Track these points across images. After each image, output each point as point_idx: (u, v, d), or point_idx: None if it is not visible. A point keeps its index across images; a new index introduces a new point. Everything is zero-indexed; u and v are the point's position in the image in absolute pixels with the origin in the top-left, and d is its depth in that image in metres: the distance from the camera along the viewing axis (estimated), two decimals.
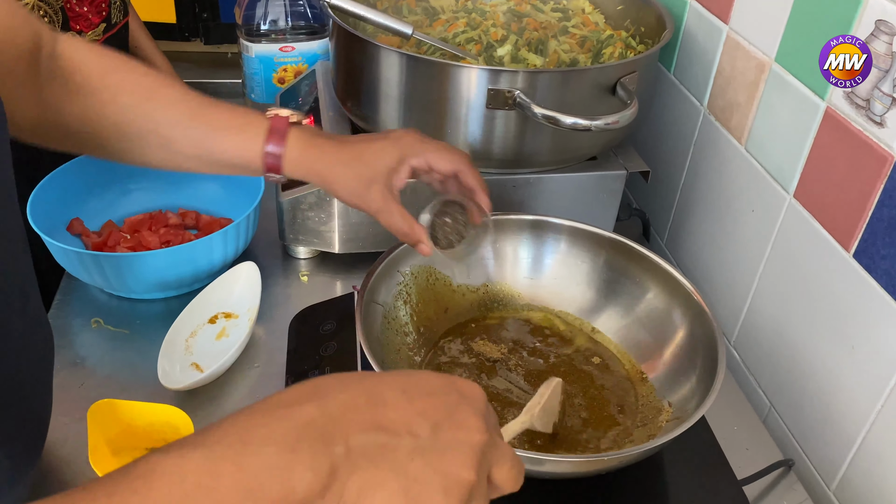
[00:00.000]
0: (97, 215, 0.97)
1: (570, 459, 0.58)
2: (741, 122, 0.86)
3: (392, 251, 0.73)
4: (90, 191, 0.96)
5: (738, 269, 0.89)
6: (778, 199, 0.80)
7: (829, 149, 0.72)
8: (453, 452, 0.38)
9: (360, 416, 0.37)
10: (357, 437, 0.36)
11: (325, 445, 0.35)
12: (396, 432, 0.37)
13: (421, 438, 0.37)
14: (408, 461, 0.37)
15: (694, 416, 0.56)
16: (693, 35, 0.97)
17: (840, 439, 0.72)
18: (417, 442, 0.37)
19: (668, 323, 0.71)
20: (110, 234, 0.93)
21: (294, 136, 0.68)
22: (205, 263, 0.86)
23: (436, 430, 0.38)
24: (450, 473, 0.37)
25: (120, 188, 1.00)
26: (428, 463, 0.37)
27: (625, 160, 0.96)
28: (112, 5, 1.04)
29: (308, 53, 1.20)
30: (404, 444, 0.37)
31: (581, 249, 0.77)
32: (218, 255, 0.87)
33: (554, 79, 0.84)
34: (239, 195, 0.97)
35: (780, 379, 0.82)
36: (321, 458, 0.35)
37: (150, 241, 0.92)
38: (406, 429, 0.37)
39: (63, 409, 0.74)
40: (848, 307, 0.71)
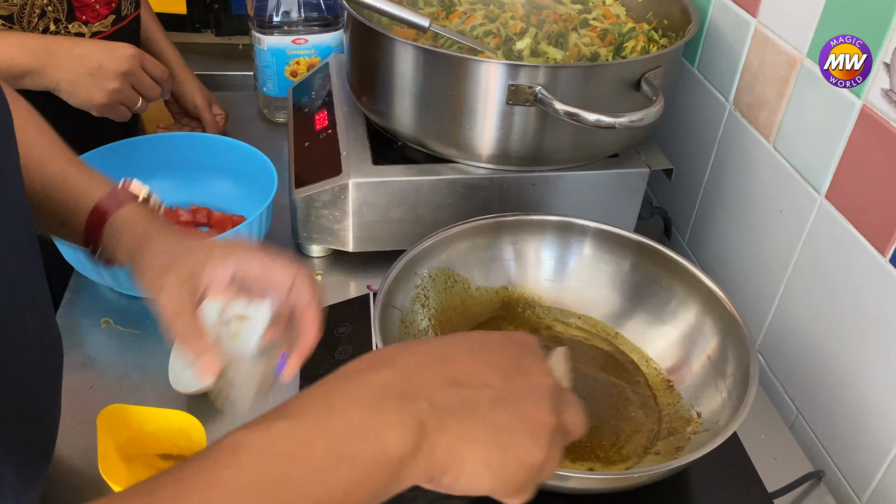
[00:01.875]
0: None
1: (597, 476, 0.56)
2: (770, 120, 0.84)
3: (408, 253, 0.71)
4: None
5: (764, 271, 0.86)
6: (808, 199, 0.77)
7: (865, 148, 0.69)
8: (530, 398, 0.39)
9: (435, 374, 0.38)
10: (437, 394, 0.37)
11: (409, 403, 0.36)
12: (473, 385, 0.38)
13: (497, 388, 0.38)
14: (490, 411, 0.37)
15: (726, 432, 0.54)
16: (719, 28, 0.94)
17: (873, 449, 0.70)
18: (495, 392, 0.38)
19: (699, 332, 0.69)
20: None
21: (131, 208, 0.60)
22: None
23: (508, 379, 0.39)
24: (532, 418, 0.38)
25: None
26: (509, 411, 0.38)
27: (647, 157, 0.93)
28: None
29: (321, 46, 1.17)
30: (483, 396, 0.38)
31: (606, 252, 0.75)
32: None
33: (576, 74, 0.82)
34: (252, 192, 0.95)
35: (808, 386, 0.79)
36: (408, 417, 0.35)
37: None
38: (481, 381, 0.38)
39: (72, 413, 0.72)
40: (883, 313, 0.68)
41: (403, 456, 0.35)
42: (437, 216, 0.90)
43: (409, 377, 0.37)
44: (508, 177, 0.89)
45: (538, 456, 0.38)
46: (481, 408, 0.37)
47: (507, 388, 0.39)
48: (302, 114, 1.04)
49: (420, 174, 0.88)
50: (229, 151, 0.98)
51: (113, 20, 1.01)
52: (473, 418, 0.37)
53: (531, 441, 0.38)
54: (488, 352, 0.40)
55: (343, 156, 0.90)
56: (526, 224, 0.76)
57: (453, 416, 0.36)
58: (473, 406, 0.37)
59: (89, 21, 0.97)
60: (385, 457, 0.34)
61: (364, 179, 0.87)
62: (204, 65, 1.46)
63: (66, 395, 0.75)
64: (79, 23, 0.96)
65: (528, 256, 0.77)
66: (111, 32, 1.00)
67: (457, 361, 0.39)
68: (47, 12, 0.93)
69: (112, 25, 1.01)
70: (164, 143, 1.00)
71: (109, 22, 1.00)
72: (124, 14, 1.03)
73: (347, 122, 0.97)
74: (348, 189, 0.86)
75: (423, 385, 0.37)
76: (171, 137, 1.00)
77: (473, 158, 0.89)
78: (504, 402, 0.38)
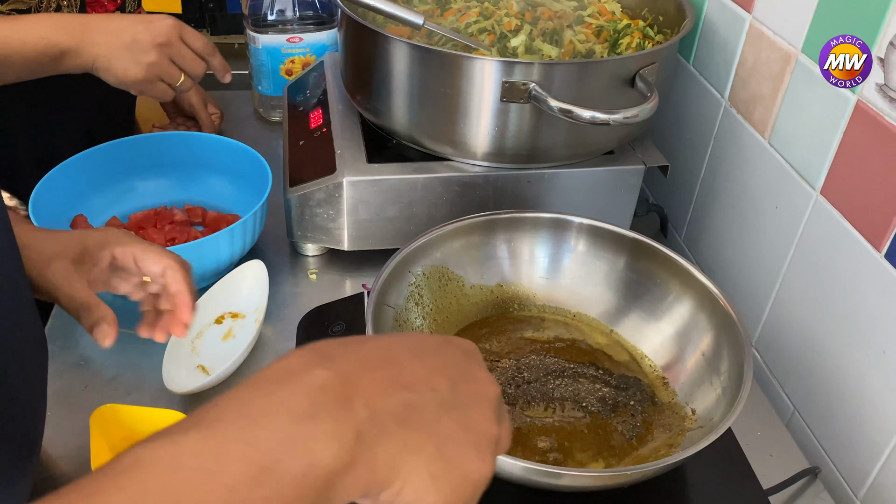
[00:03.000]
0: (102, 212, 0.95)
1: (589, 474, 0.55)
2: (765, 116, 0.83)
3: (402, 251, 0.71)
4: (94, 187, 0.94)
5: (760, 267, 0.86)
6: (804, 195, 0.77)
7: (860, 144, 0.69)
8: (476, 407, 0.37)
9: (377, 375, 0.34)
10: (379, 399, 0.33)
11: (345, 409, 0.32)
12: (418, 390, 0.35)
13: (442, 394, 0.35)
14: (436, 420, 0.34)
15: (720, 428, 0.54)
16: (714, 25, 0.93)
17: (869, 446, 0.70)
18: (440, 398, 0.35)
19: (693, 328, 0.69)
20: None
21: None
22: (211, 262, 0.84)
23: (454, 386, 0.36)
24: (477, 428, 0.36)
25: (125, 184, 0.98)
26: (455, 420, 0.35)
27: (643, 154, 0.93)
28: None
29: (316, 44, 1.17)
30: (428, 402, 0.35)
31: (600, 249, 0.75)
32: (225, 254, 0.85)
33: (571, 71, 0.81)
34: (246, 190, 0.95)
35: (805, 383, 0.79)
36: (344, 424, 0.31)
37: (156, 239, 0.89)
38: (427, 386, 0.35)
39: (67, 413, 0.72)
40: (879, 309, 0.68)
41: (337, 470, 0.30)
42: (432, 214, 0.89)
43: (349, 378, 0.33)
44: (503, 174, 0.89)
45: (484, 470, 0.35)
46: (426, 415, 0.34)
47: (452, 394, 0.36)
48: (297, 112, 1.04)
49: (414, 172, 0.88)
50: (224, 150, 0.98)
51: None
52: (418, 426, 0.34)
53: (476, 453, 0.35)
54: (434, 355, 0.37)
55: (337, 154, 0.90)
56: (520, 221, 0.76)
57: (396, 423, 0.33)
58: (419, 413, 0.34)
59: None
60: (315, 471, 0.30)
61: (358, 178, 0.86)
62: None
63: (61, 396, 0.75)
64: None
65: (523, 254, 0.77)
66: None
67: (400, 363, 0.36)
68: (63, 7, 0.93)
69: None
70: (159, 142, 0.99)
71: None
72: (128, 10, 1.03)
73: (342, 120, 0.97)
74: (343, 187, 0.86)
75: (363, 388, 0.33)
76: (167, 137, 1.00)
77: (468, 156, 0.88)
78: (449, 411, 0.35)
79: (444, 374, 0.36)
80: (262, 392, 0.32)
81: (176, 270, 0.60)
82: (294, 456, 0.29)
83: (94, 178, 0.94)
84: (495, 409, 0.37)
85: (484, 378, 0.38)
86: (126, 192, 0.97)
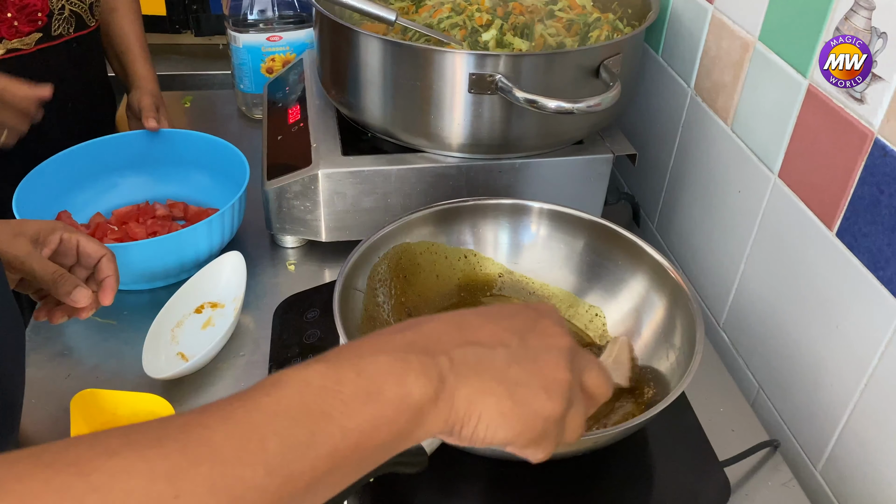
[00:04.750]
0: (85, 207, 0.97)
1: None
2: (727, 103, 0.86)
3: (370, 238, 0.73)
4: (78, 183, 0.97)
5: (725, 251, 0.88)
6: (763, 179, 0.79)
7: (812, 127, 0.72)
8: (545, 356, 0.42)
9: (454, 336, 0.41)
10: (456, 351, 0.40)
11: (430, 358, 0.39)
12: (489, 345, 0.41)
13: (512, 348, 0.42)
14: (506, 368, 0.41)
15: (673, 394, 0.56)
16: (679, 16, 0.96)
17: (826, 419, 0.72)
18: (510, 351, 0.41)
19: (648, 302, 0.71)
20: (97, 227, 0.93)
21: None
22: (191, 253, 0.87)
23: (524, 340, 0.42)
24: (547, 374, 0.41)
25: (108, 180, 1.00)
26: (524, 368, 0.41)
27: (612, 143, 0.95)
28: (54, 16, 0.99)
29: (296, 43, 1.19)
30: (499, 355, 0.41)
31: (561, 233, 0.77)
32: (204, 245, 0.87)
33: (537, 62, 0.84)
34: (226, 184, 0.97)
35: (768, 361, 0.81)
36: (430, 368, 0.39)
37: (138, 233, 0.92)
38: (497, 342, 0.42)
39: (49, 400, 0.75)
40: (832, 286, 0.70)
41: (424, 402, 0.38)
42: (406, 205, 0.92)
43: (431, 338, 0.41)
44: (476, 165, 0.91)
45: (553, 408, 0.41)
46: (498, 365, 0.40)
47: (522, 347, 0.42)
48: (276, 109, 1.06)
49: (388, 164, 0.90)
50: (204, 146, 1.00)
51: (39, 38, 0.98)
52: (489, 373, 0.40)
53: (546, 394, 0.41)
54: (504, 317, 0.44)
55: (314, 147, 0.92)
56: (483, 208, 0.78)
57: (471, 371, 0.40)
58: (489, 363, 0.40)
59: (4, 37, 0.95)
60: (408, 399, 0.37)
61: (333, 170, 0.89)
62: (185, 65, 1.49)
63: (44, 383, 0.77)
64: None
65: (487, 240, 0.79)
66: (33, 51, 0.98)
67: (474, 326, 0.42)
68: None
69: (37, 44, 0.99)
70: (140, 140, 1.02)
71: (33, 41, 0.98)
72: (56, 34, 1.01)
73: (319, 115, 0.99)
74: (318, 179, 0.89)
75: (443, 344, 0.40)
76: (147, 135, 1.02)
77: (441, 147, 0.91)
78: (519, 361, 0.41)
79: (513, 332, 0.43)
80: (368, 344, 0.40)
81: (110, 260, 0.69)
82: (392, 385, 0.37)
83: (78, 174, 0.96)
84: (566, 356, 0.42)
85: (555, 332, 0.44)
86: (110, 188, 1.00)
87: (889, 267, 0.63)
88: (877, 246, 0.64)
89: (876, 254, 0.64)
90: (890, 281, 0.63)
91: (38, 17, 0.98)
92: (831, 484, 0.72)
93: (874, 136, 0.63)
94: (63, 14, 1.01)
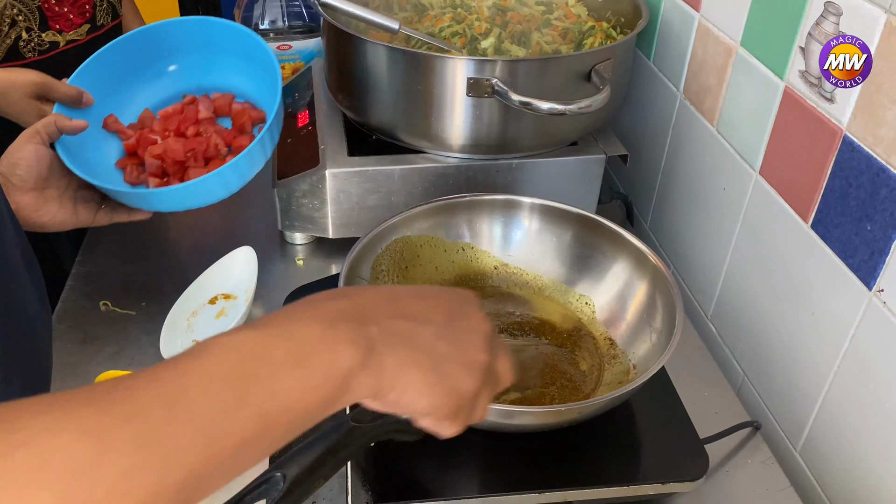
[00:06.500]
0: (132, 103, 0.94)
1: (535, 410, 0.62)
2: (713, 105, 0.90)
3: (372, 231, 0.78)
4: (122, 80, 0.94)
5: (712, 246, 0.93)
6: (745, 176, 0.84)
7: (789, 126, 0.76)
8: (468, 337, 0.45)
9: (386, 308, 0.43)
10: (387, 322, 0.42)
11: (361, 326, 0.41)
12: (419, 320, 0.43)
13: (439, 326, 0.44)
14: (433, 343, 0.43)
15: (652, 369, 0.61)
16: (669, 23, 1.01)
17: (804, 401, 0.76)
18: (437, 328, 0.44)
19: (630, 286, 0.76)
20: (141, 136, 0.91)
21: None
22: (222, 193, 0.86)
23: (450, 320, 0.45)
24: (469, 353, 0.44)
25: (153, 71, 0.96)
26: (449, 345, 0.44)
27: (604, 144, 1.00)
28: (97, 7, 1.08)
29: (305, 51, 1.25)
30: (427, 330, 0.43)
31: (551, 225, 0.82)
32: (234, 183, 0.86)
33: (531, 67, 0.89)
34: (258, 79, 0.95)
35: (752, 349, 0.85)
36: (360, 336, 0.40)
37: (177, 150, 0.88)
38: (426, 317, 0.44)
39: (74, 384, 0.80)
40: (808, 275, 0.74)
41: (353, 368, 0.39)
42: (409, 203, 0.96)
43: (363, 307, 0.42)
44: (475, 164, 0.96)
45: (471, 386, 0.44)
46: (425, 338, 0.43)
47: (447, 326, 0.44)
48: (286, 113, 1.12)
49: (392, 164, 0.95)
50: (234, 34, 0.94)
51: (88, 29, 1.07)
52: (418, 346, 0.42)
53: (466, 372, 0.44)
54: (433, 297, 0.47)
55: (321, 149, 0.97)
56: (478, 204, 0.83)
57: (399, 341, 0.42)
58: (418, 336, 0.43)
59: (63, 30, 1.03)
60: (337, 364, 0.39)
61: (340, 169, 0.94)
62: None
63: (67, 369, 0.82)
64: (52, 31, 1.02)
65: (482, 233, 0.84)
66: (87, 41, 1.06)
67: (405, 301, 0.45)
68: (18, 21, 0.99)
69: (87, 34, 1.07)
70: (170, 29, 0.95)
71: (84, 31, 1.06)
72: (100, 24, 1.09)
73: (327, 119, 1.05)
74: (325, 179, 0.94)
75: (374, 314, 0.42)
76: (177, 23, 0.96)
77: (442, 148, 0.96)
78: (445, 337, 0.44)
79: (441, 311, 0.45)
80: (300, 310, 0.41)
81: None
82: (322, 351, 0.39)
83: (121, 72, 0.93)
84: (486, 341, 0.46)
85: (477, 316, 0.47)
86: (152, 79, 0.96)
87: (857, 255, 0.67)
88: (846, 235, 0.68)
89: (846, 242, 0.68)
90: (858, 268, 0.67)
91: (86, 8, 1.07)
92: (810, 463, 0.76)
93: (843, 133, 0.68)
94: (103, 5, 1.10)
